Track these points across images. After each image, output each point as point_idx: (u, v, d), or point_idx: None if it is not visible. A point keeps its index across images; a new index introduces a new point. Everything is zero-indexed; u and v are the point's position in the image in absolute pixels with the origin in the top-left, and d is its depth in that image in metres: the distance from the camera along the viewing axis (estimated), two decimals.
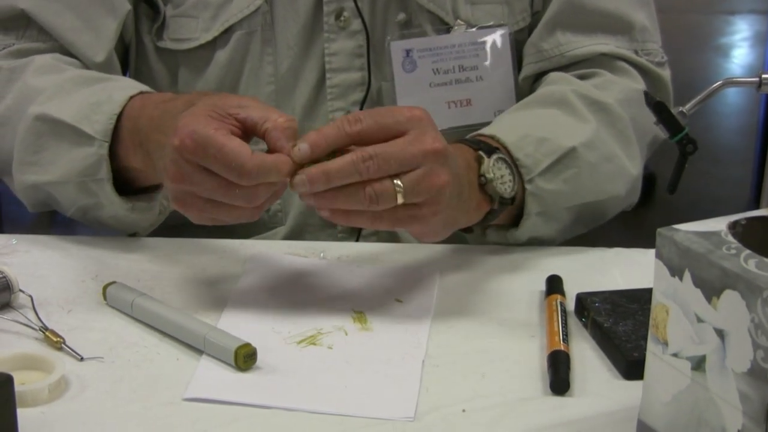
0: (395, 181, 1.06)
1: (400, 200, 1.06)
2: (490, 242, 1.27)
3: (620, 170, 1.31)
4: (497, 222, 1.24)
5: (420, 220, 1.09)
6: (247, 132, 1.07)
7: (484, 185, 1.18)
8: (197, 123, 1.06)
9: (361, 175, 1.05)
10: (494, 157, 1.20)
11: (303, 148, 1.05)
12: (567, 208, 1.27)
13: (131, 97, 1.22)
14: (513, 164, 1.22)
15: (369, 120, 1.07)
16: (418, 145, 1.07)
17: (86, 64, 1.35)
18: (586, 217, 1.30)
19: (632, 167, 1.32)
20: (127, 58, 1.41)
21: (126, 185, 1.25)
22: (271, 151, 1.07)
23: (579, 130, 1.28)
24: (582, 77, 1.37)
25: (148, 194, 1.27)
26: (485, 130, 1.26)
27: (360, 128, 1.07)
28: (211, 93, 1.15)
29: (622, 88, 1.35)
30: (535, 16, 1.40)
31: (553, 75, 1.37)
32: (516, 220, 1.25)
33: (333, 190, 1.06)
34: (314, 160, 1.06)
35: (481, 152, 1.19)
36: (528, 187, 1.23)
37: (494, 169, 1.19)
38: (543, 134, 1.25)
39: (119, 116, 1.21)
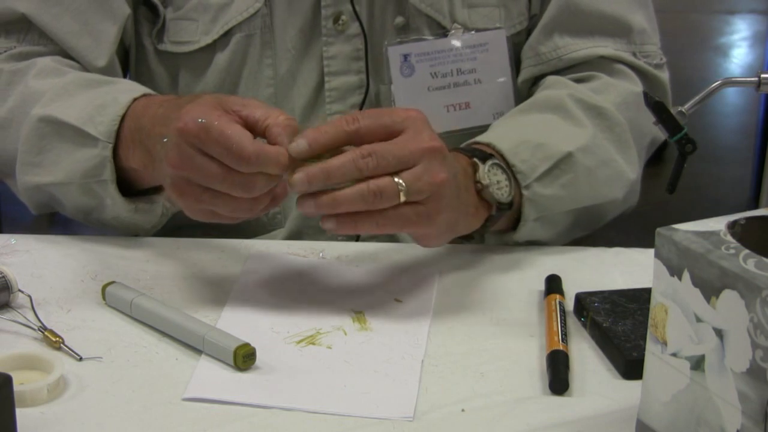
0: (396, 179, 1.06)
1: (402, 198, 1.06)
2: (490, 244, 1.27)
3: (618, 174, 1.31)
4: (496, 228, 1.24)
5: (426, 218, 1.09)
6: (249, 129, 1.08)
7: (480, 191, 1.19)
8: (202, 110, 1.07)
9: (360, 171, 1.05)
10: (489, 163, 1.20)
11: (301, 143, 1.06)
12: (565, 212, 1.27)
13: (135, 99, 1.22)
14: (509, 170, 1.22)
15: (366, 120, 1.08)
16: (416, 142, 1.08)
17: (87, 68, 1.35)
18: (583, 221, 1.30)
19: (630, 171, 1.32)
20: (128, 61, 1.41)
21: (129, 187, 1.26)
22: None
23: (575, 135, 1.28)
24: (580, 80, 1.37)
25: (150, 196, 1.27)
26: (481, 138, 1.27)
27: (357, 127, 1.07)
28: (214, 94, 1.15)
29: (619, 92, 1.35)
30: (533, 19, 1.40)
31: (550, 79, 1.37)
32: (514, 225, 1.25)
33: (333, 192, 1.06)
34: (312, 160, 1.06)
35: (475, 159, 1.20)
36: (525, 192, 1.23)
37: (489, 175, 1.19)
38: (539, 140, 1.25)
39: (123, 118, 1.22)
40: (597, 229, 1.35)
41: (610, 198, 1.30)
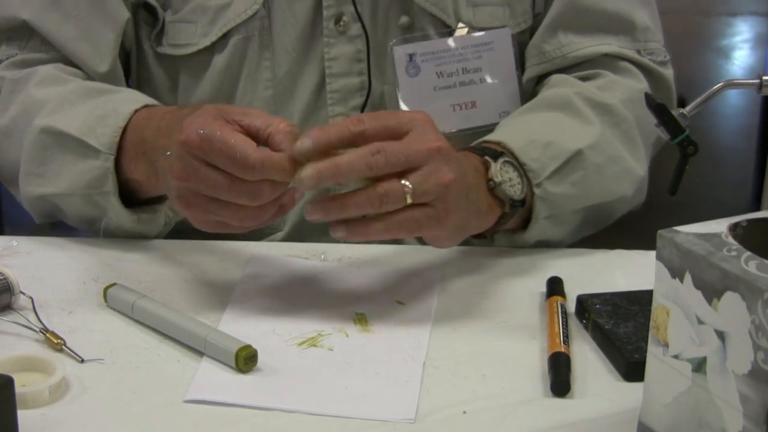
0: (403, 182, 1.06)
1: (409, 200, 1.07)
2: (497, 245, 1.27)
3: (626, 171, 1.31)
4: (507, 227, 1.24)
5: (435, 220, 1.09)
6: (251, 138, 1.08)
7: (493, 189, 1.19)
8: (203, 121, 1.07)
9: (370, 167, 1.05)
10: (500, 160, 1.20)
11: (305, 141, 1.06)
12: (575, 210, 1.27)
13: (136, 110, 1.23)
14: (520, 168, 1.22)
15: (372, 121, 1.08)
16: (422, 143, 1.08)
17: (89, 74, 1.35)
18: (593, 218, 1.30)
19: (638, 168, 1.32)
20: (129, 64, 1.41)
21: (131, 197, 1.26)
22: None
23: (584, 132, 1.28)
24: (585, 78, 1.37)
25: (153, 206, 1.27)
26: (491, 137, 1.27)
27: (363, 128, 1.07)
28: (215, 105, 1.16)
29: (625, 89, 1.35)
30: (537, 18, 1.40)
31: (555, 77, 1.37)
32: (524, 224, 1.25)
33: (341, 197, 1.06)
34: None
35: (487, 157, 1.20)
36: (536, 191, 1.23)
37: (502, 172, 1.19)
38: (548, 138, 1.26)
39: (124, 129, 1.22)
40: (598, 231, 1.35)
41: (620, 195, 1.30)
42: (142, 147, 1.19)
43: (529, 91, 1.40)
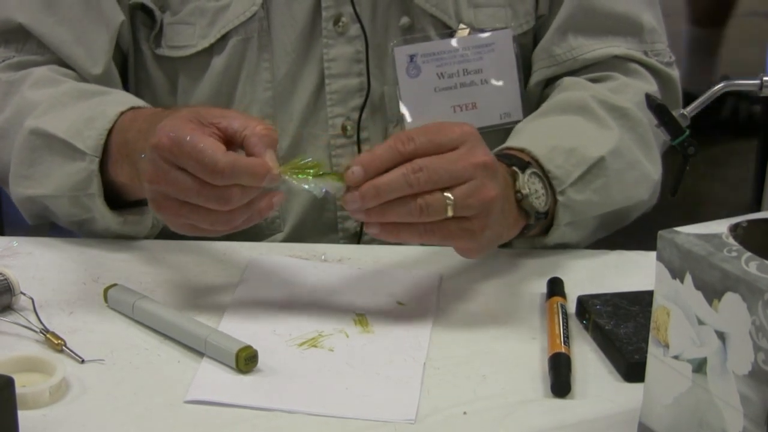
0: (446, 194, 1.06)
1: (450, 213, 1.07)
2: (515, 248, 1.27)
3: (644, 176, 1.31)
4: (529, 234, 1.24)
5: (470, 234, 1.09)
6: (228, 141, 1.08)
7: (520, 201, 1.18)
8: (175, 125, 1.07)
9: (411, 186, 1.05)
10: (528, 172, 1.20)
11: (356, 171, 1.06)
12: (594, 216, 1.27)
13: (123, 113, 1.23)
14: (545, 177, 1.22)
15: (422, 138, 1.07)
16: (469, 158, 1.08)
17: (84, 77, 1.35)
18: (610, 221, 1.31)
19: (654, 172, 1.33)
20: (127, 67, 1.41)
21: (119, 199, 1.26)
22: (249, 156, 1.07)
23: (604, 138, 1.28)
24: (595, 80, 1.37)
25: (139, 208, 1.27)
26: (513, 143, 1.26)
27: (414, 147, 1.07)
28: (200, 106, 1.16)
29: (636, 91, 1.35)
30: (539, 20, 1.40)
31: (567, 80, 1.37)
32: (544, 228, 1.25)
33: (383, 206, 1.06)
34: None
35: (515, 168, 1.20)
36: (560, 198, 1.23)
37: (529, 184, 1.19)
38: (571, 144, 1.25)
39: (110, 131, 1.22)
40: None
41: (638, 200, 1.31)
42: (125, 149, 1.19)
43: (536, 95, 1.39)
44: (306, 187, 1.07)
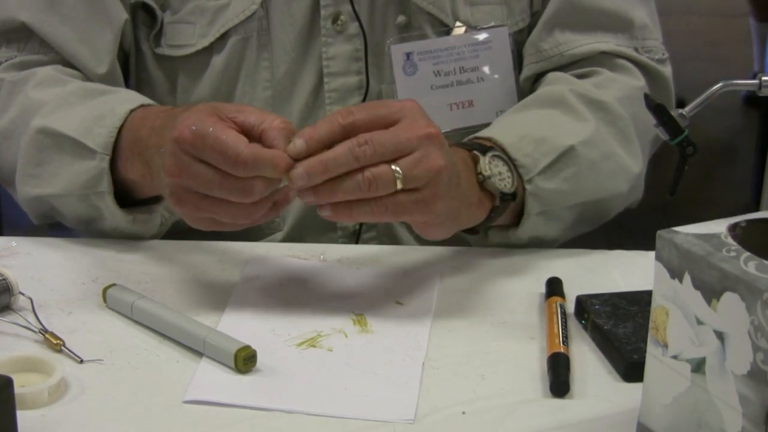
0: (393, 167, 1.06)
1: (399, 185, 1.07)
2: (492, 244, 1.27)
3: (621, 167, 1.31)
4: (499, 223, 1.24)
5: (423, 205, 1.09)
6: (245, 135, 1.08)
7: (482, 183, 1.19)
8: (197, 118, 1.08)
9: (357, 160, 1.05)
10: (489, 154, 1.20)
11: (298, 143, 1.06)
12: (568, 207, 1.27)
13: (132, 110, 1.23)
14: (511, 164, 1.22)
15: (361, 112, 1.09)
16: (413, 130, 1.08)
17: (89, 76, 1.35)
18: (588, 215, 1.30)
19: (633, 164, 1.32)
20: (128, 65, 1.41)
21: (127, 197, 1.26)
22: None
23: (578, 129, 1.28)
24: (582, 76, 1.37)
25: (148, 206, 1.27)
26: (481, 133, 1.27)
27: (353, 120, 1.08)
28: (209, 102, 1.16)
29: (621, 86, 1.35)
30: (535, 17, 1.40)
31: (551, 75, 1.37)
32: (517, 221, 1.25)
33: (331, 181, 1.06)
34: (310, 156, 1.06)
35: (475, 151, 1.20)
36: (528, 187, 1.23)
37: (491, 166, 1.19)
38: (541, 134, 1.26)
39: (120, 129, 1.22)
40: (597, 231, 1.34)
41: (615, 192, 1.30)
42: (137, 147, 1.19)
43: (526, 90, 1.39)
44: None
